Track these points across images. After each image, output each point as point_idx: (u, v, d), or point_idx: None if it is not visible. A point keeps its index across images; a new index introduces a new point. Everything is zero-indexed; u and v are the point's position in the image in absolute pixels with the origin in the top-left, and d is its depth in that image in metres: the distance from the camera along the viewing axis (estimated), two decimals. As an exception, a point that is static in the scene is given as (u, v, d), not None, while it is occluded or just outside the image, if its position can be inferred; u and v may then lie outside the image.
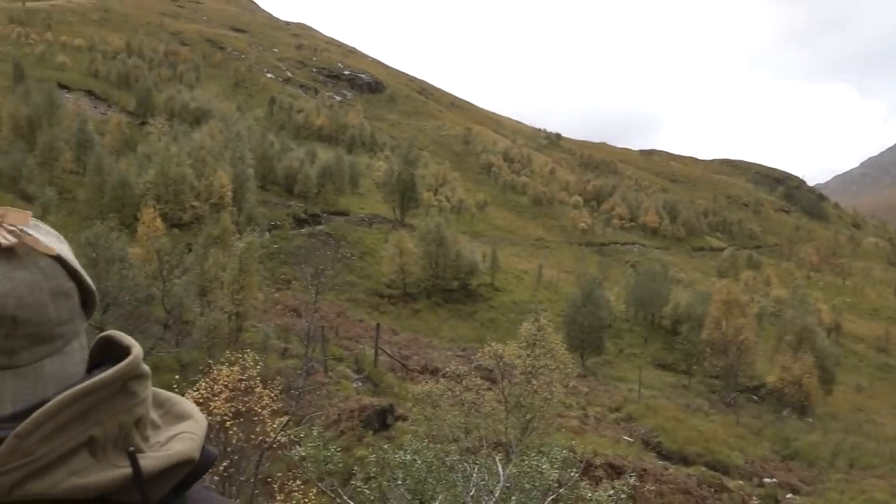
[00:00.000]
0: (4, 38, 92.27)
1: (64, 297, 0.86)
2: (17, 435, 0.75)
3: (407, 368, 30.30)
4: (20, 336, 0.81)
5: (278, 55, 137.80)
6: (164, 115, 73.06)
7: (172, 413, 0.93)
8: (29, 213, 0.89)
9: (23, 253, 0.83)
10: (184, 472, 0.86)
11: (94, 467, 0.80)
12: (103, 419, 0.81)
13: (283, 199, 62.03)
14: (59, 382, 0.84)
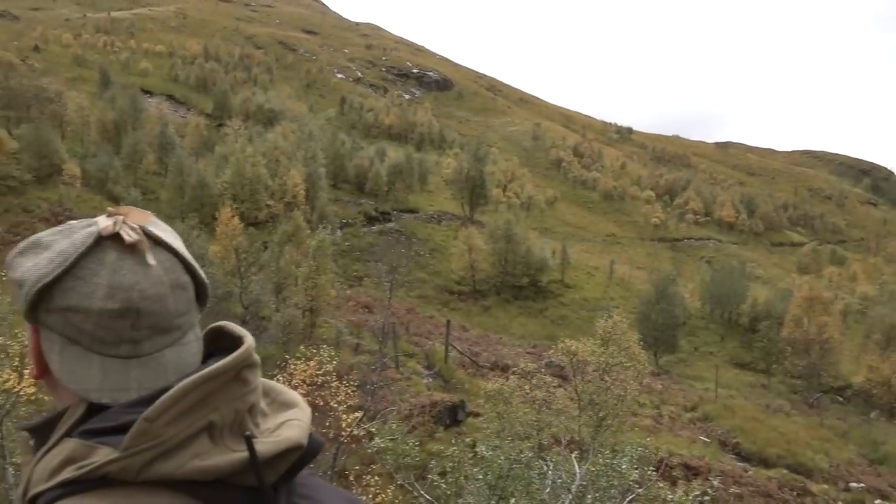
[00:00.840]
0: (92, 47, 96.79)
1: (181, 290, 0.91)
2: (146, 418, 0.80)
3: (477, 365, 30.35)
4: (144, 327, 0.87)
5: (348, 55, 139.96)
6: (240, 116, 75.27)
7: (278, 401, 0.96)
8: (150, 214, 0.94)
9: (144, 248, 0.88)
10: (293, 458, 0.88)
11: (214, 451, 0.83)
12: (220, 405, 0.85)
13: (354, 197, 63.02)
14: (178, 371, 0.90)
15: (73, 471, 0.80)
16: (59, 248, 0.88)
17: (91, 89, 74.12)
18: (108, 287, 0.86)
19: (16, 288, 0.91)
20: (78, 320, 0.86)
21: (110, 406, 0.86)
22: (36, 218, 41.91)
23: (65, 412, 0.89)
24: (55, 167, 46.63)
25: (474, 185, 64.13)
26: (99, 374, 0.87)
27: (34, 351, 0.92)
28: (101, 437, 0.82)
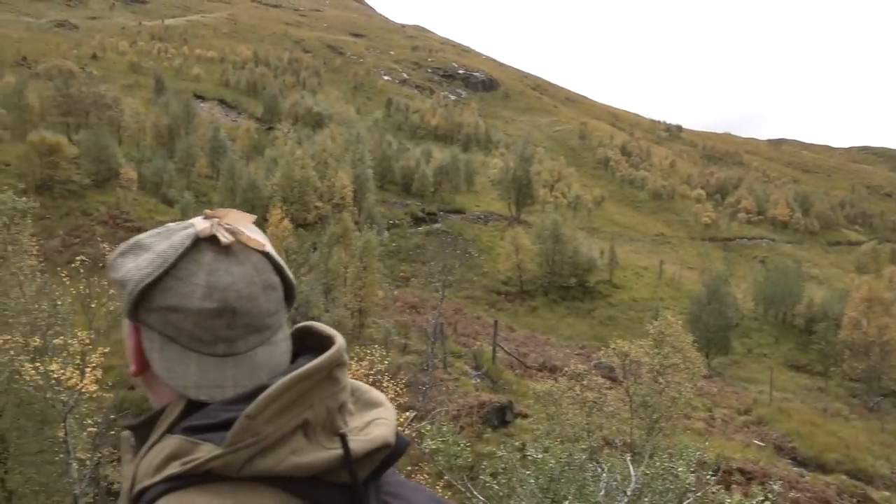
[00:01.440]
0: (147, 54, 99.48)
1: (272, 291, 0.94)
2: (248, 416, 0.83)
3: (525, 366, 30.23)
4: (239, 326, 0.90)
5: (394, 57, 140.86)
6: (289, 119, 76.44)
7: (363, 400, 0.98)
8: (251, 216, 0.98)
9: (238, 250, 0.92)
10: (382, 456, 0.91)
11: (309, 448, 0.86)
12: (315, 403, 0.87)
13: (400, 198, 63.39)
14: (270, 370, 0.92)
15: (177, 466, 0.83)
16: (159, 250, 0.92)
17: (146, 95, 76.18)
18: (205, 287, 0.89)
19: (118, 287, 0.94)
20: (177, 319, 0.90)
21: (207, 404, 0.89)
22: (95, 221, 43.28)
23: (163, 410, 0.92)
24: (113, 171, 48.07)
25: (521, 185, 63.88)
26: (197, 372, 0.90)
27: (135, 349, 0.96)
28: (203, 434, 0.85)
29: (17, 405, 13.73)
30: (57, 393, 11.97)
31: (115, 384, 16.31)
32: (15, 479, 14.01)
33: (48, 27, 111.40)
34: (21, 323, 13.10)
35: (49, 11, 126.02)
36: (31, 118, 56.16)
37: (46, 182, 44.41)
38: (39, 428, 13.95)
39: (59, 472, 13.89)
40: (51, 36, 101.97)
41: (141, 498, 0.86)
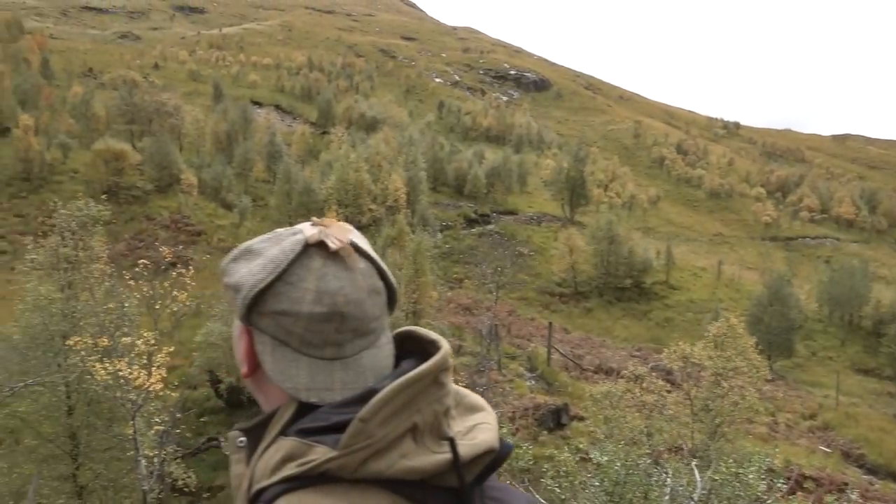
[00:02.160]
0: (205, 63, 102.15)
1: (377, 295, 0.96)
2: (361, 419, 0.84)
3: (581, 368, 29.92)
4: (346, 330, 0.93)
5: (446, 60, 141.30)
6: (343, 123, 77.43)
7: (464, 404, 0.98)
8: (352, 229, 0.99)
9: (345, 255, 0.94)
10: (487, 461, 0.91)
11: (417, 452, 0.87)
12: (422, 407, 0.88)
13: (453, 199, 63.50)
14: (375, 373, 0.95)
15: (294, 467, 0.85)
16: (271, 255, 0.94)
17: (205, 102, 78.19)
18: (315, 292, 0.91)
19: (231, 292, 0.97)
20: (288, 323, 0.92)
21: (317, 406, 0.91)
22: (158, 225, 44.62)
23: (274, 413, 0.94)
24: (174, 177, 49.48)
25: (574, 185, 63.30)
26: (307, 375, 0.93)
27: (247, 352, 0.98)
28: (317, 436, 0.86)
29: (88, 404, 14.23)
30: (125, 392, 12.36)
31: (179, 384, 16.79)
32: (86, 474, 14.51)
33: (112, 39, 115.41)
34: (91, 324, 13.58)
35: (113, 24, 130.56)
36: (97, 127, 58.28)
37: (112, 188, 45.93)
38: (108, 425, 14.42)
39: (127, 469, 14.34)
40: (115, 47, 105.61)
41: (259, 498, 0.88)
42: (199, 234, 44.21)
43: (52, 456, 14.33)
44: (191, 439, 20.22)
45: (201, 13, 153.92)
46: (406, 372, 0.90)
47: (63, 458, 14.34)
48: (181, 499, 17.88)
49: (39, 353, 13.83)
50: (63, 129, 55.39)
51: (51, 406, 13.97)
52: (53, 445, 14.22)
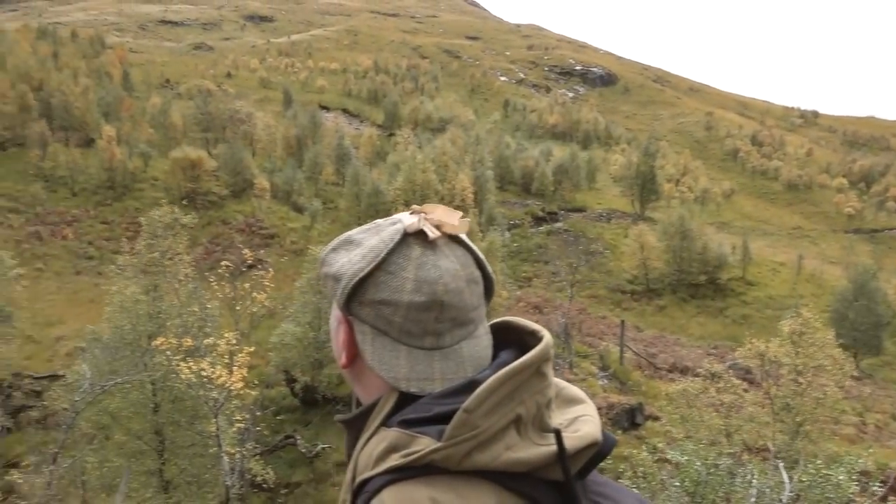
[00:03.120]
0: (275, 70, 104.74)
1: (475, 284, 0.96)
2: (466, 409, 0.83)
3: (654, 367, 29.35)
4: (446, 319, 0.92)
5: (510, 58, 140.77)
6: (409, 125, 78.09)
7: (563, 396, 0.97)
8: (458, 213, 0.98)
9: (444, 244, 0.94)
10: (590, 455, 0.90)
11: (522, 444, 0.86)
12: (525, 399, 0.87)
13: (520, 198, 63.23)
14: (474, 364, 0.93)
15: (398, 458, 0.85)
16: (370, 245, 0.94)
17: (276, 108, 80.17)
18: (414, 281, 0.91)
19: (330, 282, 0.97)
20: (388, 312, 0.92)
21: (417, 397, 0.91)
22: (233, 229, 46.01)
23: (375, 405, 0.94)
24: (248, 182, 50.94)
25: (644, 180, 62.08)
26: (406, 364, 0.92)
27: (347, 341, 0.98)
28: (420, 427, 0.86)
29: (172, 401, 14.82)
30: (208, 390, 12.82)
31: (257, 383, 17.29)
32: (171, 469, 15.10)
33: (187, 50, 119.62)
34: (175, 325, 14.13)
35: (188, 36, 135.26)
36: (174, 136, 60.53)
37: (190, 194, 47.62)
38: (191, 423, 14.97)
39: (210, 465, 14.86)
40: (190, 58, 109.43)
41: (363, 489, 0.88)
42: (272, 237, 45.39)
43: (140, 451, 14.98)
44: (269, 437, 20.81)
45: (270, 22, 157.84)
46: (506, 363, 0.89)
47: (150, 454, 14.97)
48: (261, 495, 18.41)
49: (128, 353, 14.50)
50: (143, 139, 57.78)
51: (138, 403, 14.60)
52: (141, 442, 14.87)
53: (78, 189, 48.98)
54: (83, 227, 44.98)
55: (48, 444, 15.63)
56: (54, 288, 36.12)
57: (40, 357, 27.21)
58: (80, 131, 56.44)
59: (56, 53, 76.41)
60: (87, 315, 26.06)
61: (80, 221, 45.59)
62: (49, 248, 42.14)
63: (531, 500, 0.86)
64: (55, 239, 43.04)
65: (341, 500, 0.95)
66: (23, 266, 28.49)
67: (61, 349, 27.04)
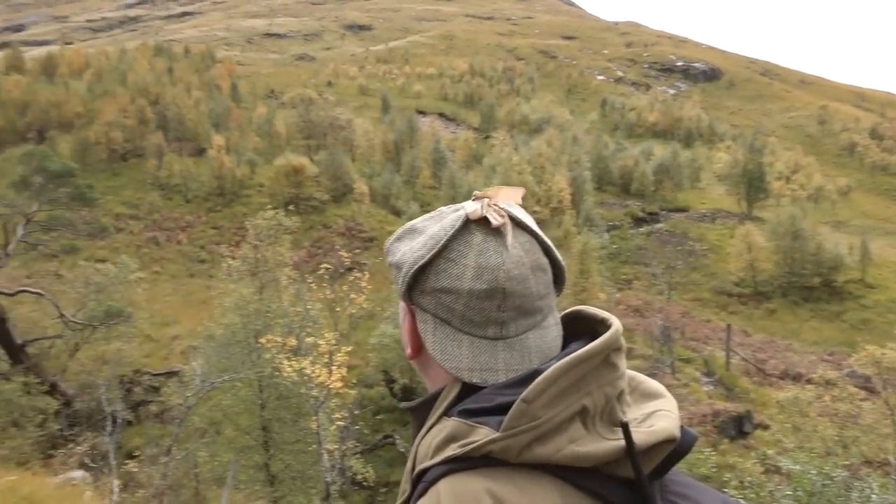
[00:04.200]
0: (373, 77, 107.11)
1: (541, 272, 0.92)
2: (524, 399, 0.80)
3: (764, 373, 28.03)
4: (509, 308, 0.89)
5: (608, 56, 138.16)
6: (505, 127, 78.02)
7: (640, 390, 0.94)
8: (520, 190, 0.97)
9: (507, 230, 0.91)
10: (666, 452, 0.86)
11: (588, 438, 0.82)
12: (592, 390, 0.84)
13: (619, 199, 61.93)
14: (541, 354, 0.90)
15: (456, 448, 0.83)
16: (431, 232, 0.92)
17: (374, 115, 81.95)
18: (475, 268, 0.88)
19: (394, 271, 0.96)
20: (449, 301, 0.89)
21: (481, 387, 0.88)
22: (334, 233, 47.37)
23: (440, 393, 0.92)
24: (347, 187, 52.35)
25: (751, 178, 59.45)
26: (469, 355, 0.89)
27: (410, 331, 0.96)
28: (479, 417, 0.83)
29: (277, 398, 15.39)
30: (309, 389, 13.24)
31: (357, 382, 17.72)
32: (277, 464, 15.67)
33: (290, 61, 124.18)
34: (280, 325, 14.68)
35: (291, 47, 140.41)
36: (279, 143, 62.95)
37: (293, 199, 49.33)
38: (295, 420, 15.49)
39: (311, 461, 15.32)
40: (293, 69, 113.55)
41: (422, 478, 0.86)
42: (371, 240, 46.40)
43: (248, 446, 15.63)
44: (368, 436, 21.26)
45: (369, 30, 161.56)
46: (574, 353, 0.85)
47: (257, 449, 15.59)
48: (361, 492, 18.82)
49: (238, 351, 15.17)
50: (250, 147, 60.38)
51: (247, 400, 15.25)
52: (249, 437, 15.51)
53: (191, 196, 51.77)
54: (196, 232, 47.51)
55: (164, 438, 16.58)
56: (170, 290, 38.31)
57: (158, 355, 28.93)
58: (192, 141, 59.65)
59: (171, 69, 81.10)
60: (200, 315, 27.48)
61: (193, 227, 48.18)
62: (165, 252, 44.75)
63: (599, 497, 0.82)
64: (171, 244, 45.67)
65: (402, 489, 0.93)
66: (142, 269, 30.35)
67: (176, 347, 28.65)
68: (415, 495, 0.87)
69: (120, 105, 60.34)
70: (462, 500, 0.79)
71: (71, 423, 17.88)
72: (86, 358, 21.91)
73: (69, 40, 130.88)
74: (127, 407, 19.62)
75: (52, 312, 21.30)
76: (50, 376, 19.93)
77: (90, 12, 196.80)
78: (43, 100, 62.16)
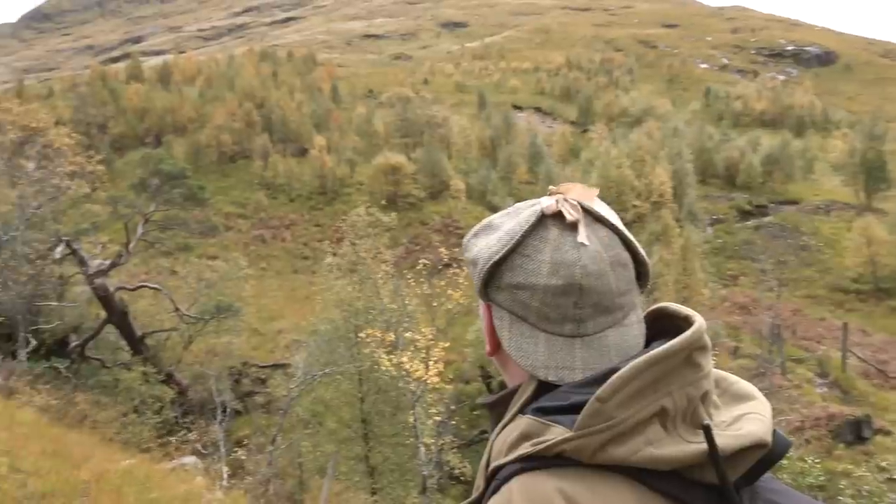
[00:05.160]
0: (469, 73, 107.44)
1: (622, 268, 0.89)
2: (598, 398, 0.78)
3: (885, 375, 26.28)
4: (586, 305, 0.86)
5: (712, 43, 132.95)
6: (604, 120, 76.55)
7: (730, 392, 0.91)
8: (595, 190, 0.95)
9: (585, 224, 0.89)
10: (756, 457, 0.82)
11: (667, 440, 0.80)
12: (672, 390, 0.81)
13: (724, 191, 59.52)
14: (621, 353, 0.87)
15: (529, 447, 0.81)
16: (507, 228, 0.91)
17: (470, 111, 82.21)
18: (551, 263, 0.86)
19: (471, 267, 0.95)
20: (525, 297, 0.88)
21: (558, 385, 0.86)
22: (431, 230, 47.91)
23: (517, 390, 0.91)
24: (444, 184, 52.83)
25: (871, 167, 55.72)
26: (545, 351, 0.88)
27: (488, 328, 0.95)
28: (554, 416, 0.82)
29: (377, 392, 15.74)
30: (407, 383, 13.46)
31: (453, 378, 17.87)
32: (376, 457, 16.03)
33: (388, 61, 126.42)
34: (379, 321, 15.00)
35: (388, 47, 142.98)
36: (377, 142, 64.26)
37: (391, 197, 50.27)
38: (394, 413, 15.81)
39: (409, 455, 15.58)
40: (390, 69, 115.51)
41: (496, 475, 0.85)
42: (468, 237, 46.65)
43: (349, 438, 16.07)
44: (465, 431, 21.40)
45: (464, 27, 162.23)
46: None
47: (357, 441, 16.02)
48: (458, 486, 18.96)
49: (339, 345, 15.63)
50: (350, 147, 61.93)
51: (348, 393, 15.68)
52: (350, 429, 15.95)
53: (294, 195, 53.64)
54: (299, 230, 49.21)
55: (269, 427, 17.27)
56: (275, 286, 39.85)
57: (264, 348, 30.16)
58: (295, 142, 61.78)
59: (275, 73, 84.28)
60: (303, 310, 28.46)
61: (297, 225, 49.93)
62: (271, 249, 46.58)
63: (679, 501, 0.79)
64: (276, 241, 47.51)
65: (476, 485, 0.92)
66: (250, 266, 31.71)
67: (281, 341, 29.77)
68: (488, 492, 0.86)
69: (228, 109, 63.28)
70: (534, 499, 0.78)
71: (185, 412, 18.89)
72: (198, 350, 23.11)
73: (183, 49, 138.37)
74: (235, 397, 20.56)
75: (168, 306, 22.54)
76: (166, 367, 21.12)
77: (201, 22, 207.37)
78: (159, 106, 66.05)
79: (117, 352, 21.63)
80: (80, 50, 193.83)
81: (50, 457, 5.30)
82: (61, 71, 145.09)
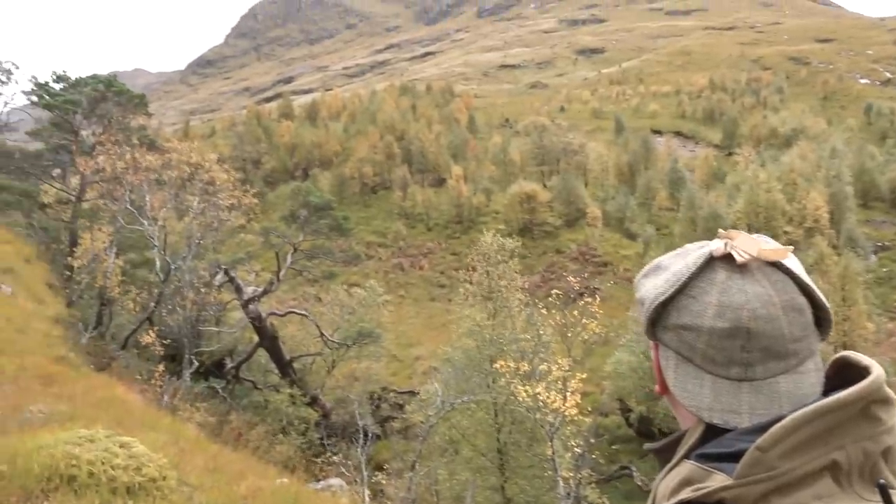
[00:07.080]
0: (606, 99, 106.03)
1: (796, 313, 0.87)
2: (759, 447, 0.76)
3: None
4: (755, 349, 0.85)
5: (872, 57, 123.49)
6: (750, 142, 72.87)
7: None
8: (761, 242, 0.91)
9: (755, 268, 0.88)
10: None
11: (839, 496, 0.76)
12: (846, 443, 0.77)
13: (890, 216, 54.69)
14: (794, 401, 0.84)
15: (689, 492, 0.81)
16: (675, 269, 0.92)
17: (607, 137, 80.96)
18: (717, 306, 0.86)
19: (638, 306, 0.97)
20: (690, 338, 0.88)
21: (726, 431, 0.85)
22: (567, 258, 47.39)
23: (683, 435, 0.91)
24: (580, 211, 52.20)
25: None
26: (710, 394, 0.87)
27: (656, 367, 0.97)
28: (716, 463, 0.81)
29: (512, 423, 15.67)
30: (544, 414, 13.31)
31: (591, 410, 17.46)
32: (512, 488, 15.90)
33: (524, 90, 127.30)
34: (512, 350, 14.98)
35: (524, 77, 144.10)
36: (513, 171, 64.66)
37: (527, 225, 50.29)
38: (530, 445, 15.64)
39: (546, 488, 15.33)
40: (526, 97, 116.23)
41: None
42: (605, 265, 45.71)
43: (484, 468, 16.06)
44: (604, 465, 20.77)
45: (601, 53, 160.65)
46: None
47: (493, 471, 15.97)
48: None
49: (473, 374, 15.74)
50: (486, 176, 62.71)
51: (483, 422, 15.72)
52: (486, 459, 15.94)
53: (432, 224, 54.95)
54: (436, 259, 50.26)
55: (407, 453, 17.61)
56: (413, 313, 40.86)
57: (402, 374, 30.92)
58: (433, 172, 63.44)
59: (414, 106, 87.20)
60: (440, 337, 28.92)
61: (434, 253, 51.03)
62: (409, 277, 47.85)
63: None
64: (414, 269, 48.78)
65: None
66: (389, 293, 32.68)
67: (419, 367, 30.42)
68: None
69: (371, 142, 66.13)
70: None
71: (328, 434, 19.66)
72: (340, 374, 24.04)
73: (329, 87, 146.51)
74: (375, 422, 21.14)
75: (314, 332, 23.65)
76: (311, 390, 22.13)
77: (346, 60, 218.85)
78: (307, 141, 70.16)
79: (267, 374, 22.93)
80: (238, 91, 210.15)
81: (211, 472, 5.70)
82: (222, 112, 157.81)
